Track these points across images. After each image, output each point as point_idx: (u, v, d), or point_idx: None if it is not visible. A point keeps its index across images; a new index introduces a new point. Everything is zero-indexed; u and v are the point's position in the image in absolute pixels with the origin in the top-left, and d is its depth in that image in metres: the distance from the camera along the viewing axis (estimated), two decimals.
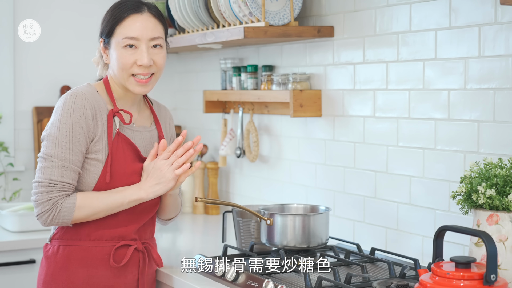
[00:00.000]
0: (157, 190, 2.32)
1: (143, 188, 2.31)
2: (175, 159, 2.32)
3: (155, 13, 2.35)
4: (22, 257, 3.24)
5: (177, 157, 2.32)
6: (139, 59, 2.30)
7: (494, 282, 1.82)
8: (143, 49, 2.31)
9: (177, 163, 2.32)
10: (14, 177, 3.88)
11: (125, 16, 2.31)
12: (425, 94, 2.58)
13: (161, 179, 2.31)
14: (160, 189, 2.32)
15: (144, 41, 2.31)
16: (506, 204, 2.02)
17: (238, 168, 3.69)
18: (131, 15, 2.32)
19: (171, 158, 2.32)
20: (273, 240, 2.58)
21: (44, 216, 2.26)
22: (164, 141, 2.37)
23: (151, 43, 2.33)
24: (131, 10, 2.32)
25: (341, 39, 2.95)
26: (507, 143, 2.30)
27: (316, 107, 3.05)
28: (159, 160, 2.33)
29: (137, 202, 2.32)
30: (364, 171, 2.86)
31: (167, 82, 4.18)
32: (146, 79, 2.34)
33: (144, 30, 2.31)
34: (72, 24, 4.00)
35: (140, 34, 2.31)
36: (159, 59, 2.35)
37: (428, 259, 2.53)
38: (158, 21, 2.35)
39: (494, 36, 2.33)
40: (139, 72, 2.32)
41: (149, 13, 2.34)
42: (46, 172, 2.25)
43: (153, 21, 2.34)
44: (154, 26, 2.33)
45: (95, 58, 2.47)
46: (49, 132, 2.28)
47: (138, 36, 2.30)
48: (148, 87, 2.35)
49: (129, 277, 2.39)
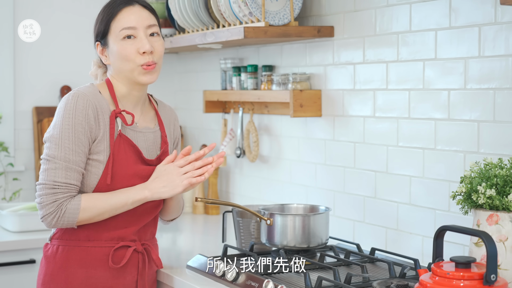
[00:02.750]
0: (163, 193, 2.31)
1: (148, 188, 2.31)
2: (190, 169, 2.32)
3: (145, 5, 2.40)
4: (22, 257, 3.24)
5: (193, 168, 2.32)
6: (140, 46, 2.32)
7: (494, 282, 1.82)
8: (142, 36, 2.33)
9: (191, 174, 2.32)
10: (14, 177, 3.88)
11: (118, 10, 2.35)
12: (425, 94, 2.58)
13: (169, 183, 2.31)
14: (166, 193, 2.31)
15: (141, 29, 2.34)
16: (506, 204, 2.02)
17: (238, 168, 3.69)
18: (124, 8, 2.35)
19: (186, 167, 2.32)
20: (273, 240, 2.58)
21: (49, 218, 2.25)
22: (189, 149, 2.37)
23: (149, 31, 2.35)
24: (122, 4, 2.36)
25: (341, 39, 2.95)
26: (507, 143, 2.30)
27: (316, 107, 3.05)
28: (172, 165, 2.33)
29: (141, 202, 2.32)
30: (364, 171, 2.86)
31: (167, 82, 4.18)
32: (152, 66, 2.34)
33: (139, 19, 2.35)
34: (72, 24, 4.00)
35: (136, 23, 2.33)
36: (158, 46, 2.37)
37: (428, 259, 2.53)
38: (150, 12, 2.40)
39: (494, 36, 2.33)
40: (143, 61, 2.33)
41: (140, 5, 2.38)
42: (50, 174, 2.25)
43: (146, 11, 2.38)
44: (148, 15, 2.38)
45: (91, 72, 2.48)
46: (51, 134, 2.28)
47: (135, 25, 2.33)
48: (154, 74, 2.36)
49: (128, 278, 2.38)
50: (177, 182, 2.31)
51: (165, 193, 2.31)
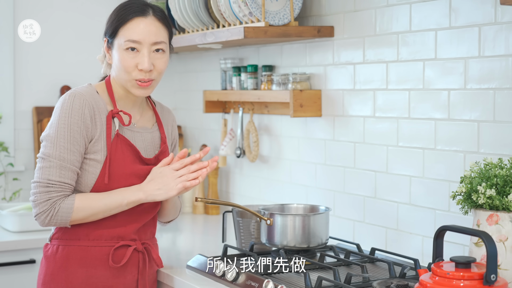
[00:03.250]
0: (157, 196, 2.31)
1: (143, 190, 2.31)
2: (185, 172, 2.32)
3: (160, 17, 2.34)
4: (22, 257, 3.24)
5: (188, 171, 2.32)
6: (140, 63, 2.30)
7: (494, 282, 1.82)
8: (145, 53, 2.30)
9: (186, 177, 2.31)
10: (14, 177, 3.88)
11: (129, 19, 2.31)
12: (425, 94, 2.58)
13: (164, 186, 2.31)
14: (160, 195, 2.31)
15: (146, 45, 2.30)
16: (506, 204, 2.02)
17: (238, 168, 3.69)
18: (135, 18, 2.31)
19: (181, 170, 2.32)
20: (273, 240, 2.58)
21: (42, 217, 2.26)
22: (185, 152, 2.37)
23: (153, 47, 2.32)
24: (135, 13, 2.31)
25: (341, 39, 2.95)
26: (507, 143, 2.30)
27: (316, 107, 3.05)
28: (168, 168, 2.33)
29: (135, 203, 2.32)
30: (364, 171, 2.86)
31: (167, 82, 4.18)
32: (147, 83, 2.33)
33: (147, 34, 2.30)
34: (72, 24, 4.00)
35: (142, 38, 2.30)
36: (160, 64, 2.34)
37: (428, 259, 2.53)
38: (162, 25, 2.34)
39: (494, 36, 2.33)
40: (139, 77, 2.31)
41: (153, 17, 2.33)
42: (45, 172, 2.25)
43: (157, 25, 2.33)
44: (157, 30, 2.32)
45: (100, 56, 2.47)
46: (47, 133, 2.29)
47: (140, 39, 2.30)
48: (148, 90, 2.35)
49: (129, 278, 2.38)
50: (172, 185, 2.30)
51: (159, 196, 2.31)
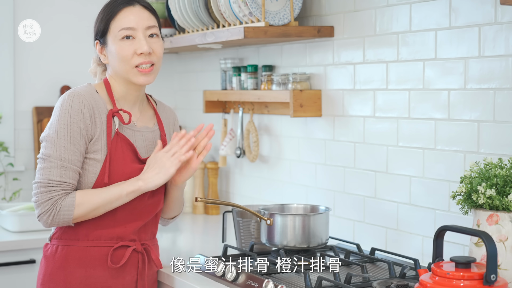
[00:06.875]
0: (157, 179, 2.31)
1: (141, 179, 2.31)
2: (177, 149, 2.33)
3: (146, 6, 2.40)
4: (22, 257, 3.24)
5: (179, 147, 2.33)
6: (138, 48, 2.32)
7: (494, 282, 1.82)
8: (141, 37, 2.33)
9: (179, 153, 2.33)
10: (14, 177, 3.88)
11: (118, 10, 2.35)
12: (425, 94, 2.58)
13: (161, 168, 2.32)
14: (160, 178, 2.32)
15: (140, 30, 2.34)
16: (506, 204, 2.02)
17: (238, 168, 3.69)
18: (124, 8, 2.35)
19: (173, 149, 2.33)
20: (273, 240, 2.58)
21: (45, 217, 2.26)
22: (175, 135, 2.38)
23: (148, 32, 2.35)
24: (123, 4, 2.36)
25: (341, 39, 2.95)
26: (507, 143, 2.30)
27: (316, 107, 3.05)
28: (160, 152, 2.34)
29: (136, 193, 2.31)
30: (364, 171, 2.86)
31: (167, 82, 4.18)
32: (149, 68, 2.34)
33: (139, 19, 2.34)
34: (72, 24, 4.00)
35: (135, 24, 2.33)
36: (158, 47, 2.37)
37: (428, 259, 2.53)
38: (150, 13, 2.39)
39: (494, 36, 2.33)
40: (140, 61, 2.33)
41: (140, 5, 2.38)
42: (45, 173, 2.26)
43: (147, 12, 2.38)
44: (148, 16, 2.37)
45: (91, 69, 2.49)
46: (47, 133, 2.29)
47: (134, 26, 2.33)
48: (151, 76, 2.37)
49: (128, 278, 2.38)
50: (168, 165, 2.32)
51: (160, 179, 2.31)
